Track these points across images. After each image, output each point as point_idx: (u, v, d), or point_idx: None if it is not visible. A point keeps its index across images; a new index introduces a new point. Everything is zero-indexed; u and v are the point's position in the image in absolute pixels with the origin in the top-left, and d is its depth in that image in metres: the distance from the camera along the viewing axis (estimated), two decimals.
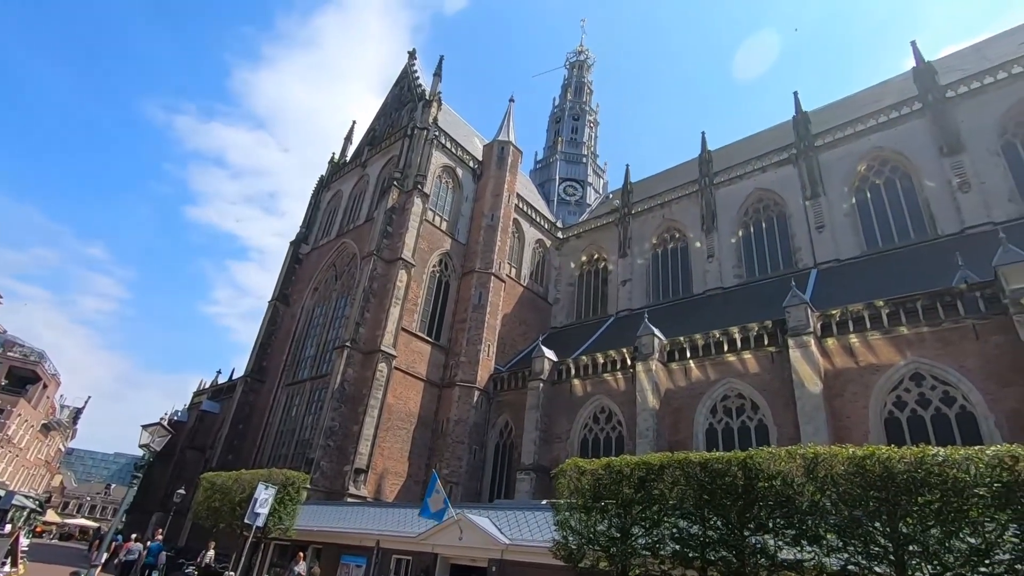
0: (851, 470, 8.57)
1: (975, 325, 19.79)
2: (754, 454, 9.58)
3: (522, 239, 43.22)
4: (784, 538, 9.09)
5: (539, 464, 27.91)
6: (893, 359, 21.17)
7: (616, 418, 27.65)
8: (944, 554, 7.72)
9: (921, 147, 30.04)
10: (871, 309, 22.09)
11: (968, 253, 22.65)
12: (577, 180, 57.41)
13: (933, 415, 19.97)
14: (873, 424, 20.57)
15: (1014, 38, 32.85)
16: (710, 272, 35.49)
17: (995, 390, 18.74)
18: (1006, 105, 28.33)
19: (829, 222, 31.68)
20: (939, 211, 28.42)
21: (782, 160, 35.46)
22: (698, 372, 25.88)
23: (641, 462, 11.08)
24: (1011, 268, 19.02)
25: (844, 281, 27.46)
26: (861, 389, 21.43)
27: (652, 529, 10.67)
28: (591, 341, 34.61)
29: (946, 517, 7.76)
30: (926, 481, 7.94)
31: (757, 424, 23.52)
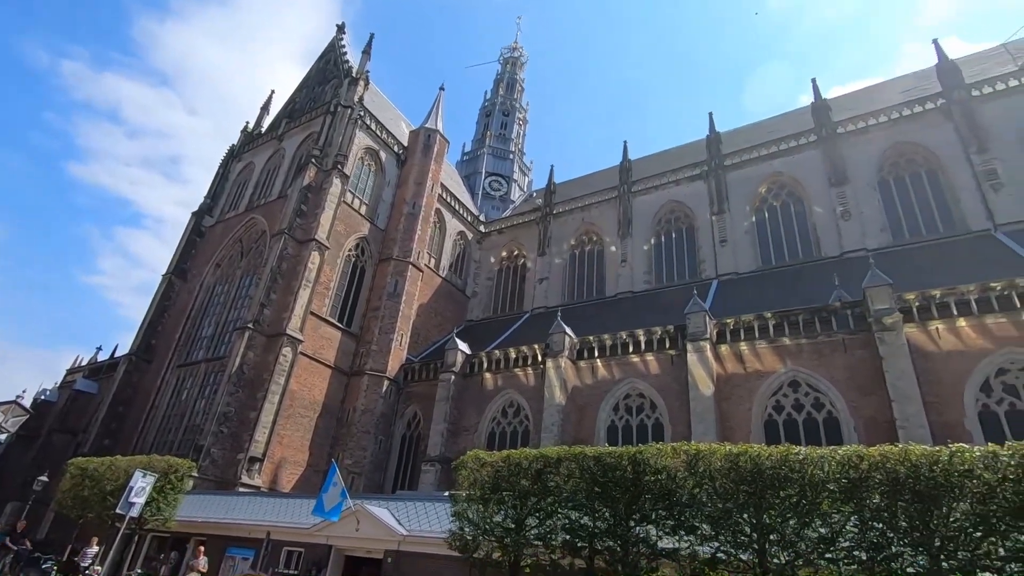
0: (727, 466, 9.31)
1: (844, 340, 22.06)
2: (644, 449, 10.16)
3: (443, 230, 42.87)
4: (664, 528, 9.71)
5: (445, 456, 27.88)
6: (775, 367, 23.13)
7: (524, 412, 28.19)
8: (798, 542, 8.58)
9: (813, 176, 33.01)
10: (760, 320, 24.00)
11: (844, 275, 25.17)
12: (503, 176, 57.78)
13: (805, 419, 22.05)
14: (755, 426, 22.40)
15: (897, 86, 36.87)
16: (622, 276, 37.02)
17: (856, 399, 21.01)
18: (885, 146, 31.76)
19: (731, 237, 34.05)
20: (824, 235, 31.39)
21: (694, 175, 37.63)
22: (604, 371, 26.95)
23: (539, 455, 11.40)
24: (876, 290, 21.40)
25: (740, 293, 29.64)
26: (746, 393, 23.25)
27: (546, 520, 11.02)
28: (505, 336, 35.02)
29: (802, 509, 8.63)
30: (788, 477, 8.79)
31: (654, 423, 24.87)
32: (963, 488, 7.69)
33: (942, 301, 20.88)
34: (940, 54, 32.60)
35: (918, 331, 20.74)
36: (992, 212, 27.16)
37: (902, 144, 31.37)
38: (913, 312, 21.04)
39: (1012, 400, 19.00)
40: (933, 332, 20.62)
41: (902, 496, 8.03)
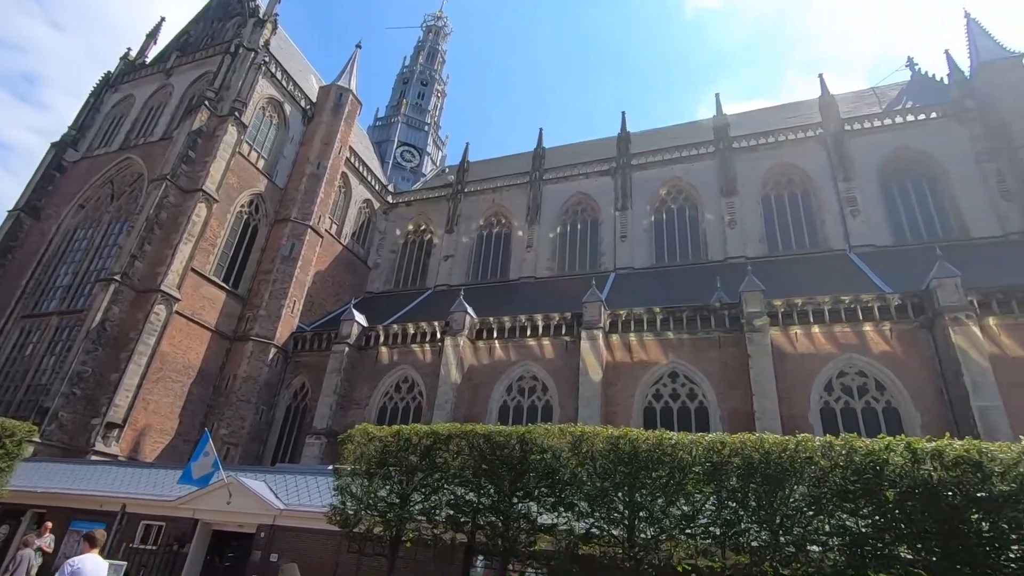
0: (607, 448, 9.89)
1: (720, 337, 24.15)
2: (532, 429, 10.50)
3: (349, 196, 41.03)
4: (545, 505, 10.15)
5: (332, 429, 27.03)
6: (659, 358, 24.83)
7: (418, 389, 28.02)
8: (664, 519, 9.35)
9: (708, 184, 35.51)
10: (650, 314, 25.58)
11: (726, 278, 27.45)
12: (416, 147, 56.26)
13: (679, 408, 23.95)
14: (635, 412, 23.96)
15: (784, 112, 40.48)
16: (527, 261, 37.69)
17: (725, 391, 23.14)
18: (770, 164, 34.87)
19: (631, 233, 35.82)
20: (712, 240, 33.99)
21: (603, 171, 39.00)
22: (501, 352, 27.42)
23: (430, 431, 11.39)
24: (750, 295, 23.62)
25: (634, 287, 31.35)
26: (631, 381, 24.77)
27: (431, 495, 11.07)
28: (405, 311, 34.43)
29: (670, 489, 9.40)
30: (660, 460, 9.52)
31: (545, 405, 25.79)
32: (803, 473, 8.78)
33: (802, 309, 23.48)
34: (823, 89, 36.21)
35: (780, 334, 23.21)
36: (849, 234, 30.88)
37: (784, 165, 34.61)
38: (778, 317, 23.49)
39: (847, 399, 21.91)
40: (792, 336, 23.16)
41: (754, 479, 9.00)
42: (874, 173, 32.16)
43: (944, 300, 20.86)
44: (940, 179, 30.99)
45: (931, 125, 32.28)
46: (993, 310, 20.87)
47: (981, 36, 33.46)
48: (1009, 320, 20.60)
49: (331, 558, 13.78)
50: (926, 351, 21.28)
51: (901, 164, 32.20)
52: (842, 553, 8.34)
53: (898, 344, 21.85)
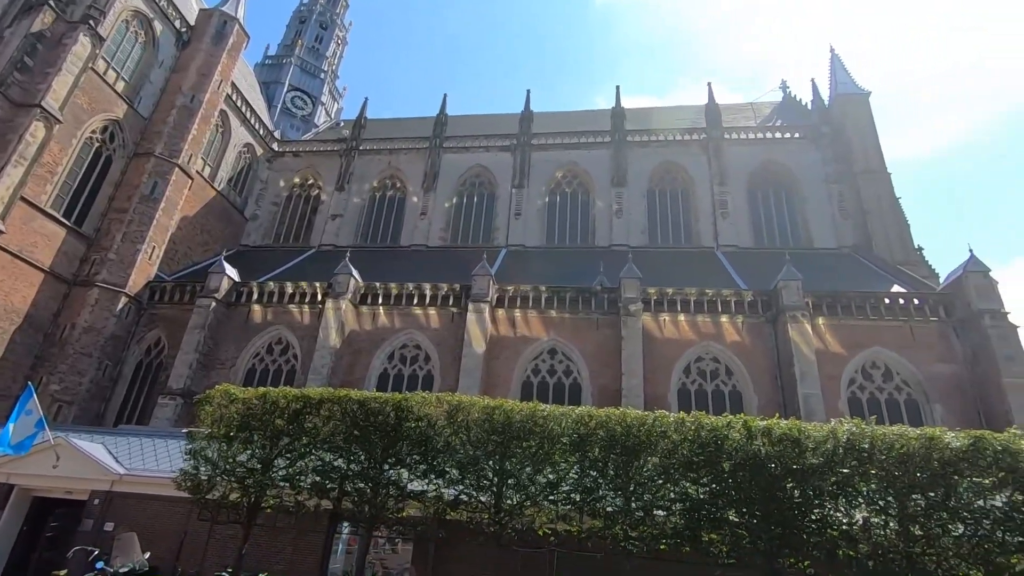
0: (483, 417, 10.10)
1: (598, 319, 25.53)
2: (409, 397, 10.41)
3: (227, 137, 37.24)
4: (416, 472, 10.16)
5: (190, 390, 24.81)
6: (540, 335, 25.72)
7: (293, 351, 26.57)
8: (530, 486, 9.78)
9: (601, 173, 37.00)
10: (536, 292, 26.33)
11: (608, 264, 28.93)
12: (309, 94, 52.32)
13: (555, 383, 25.06)
14: (514, 385, 24.70)
15: (675, 114, 43.13)
16: (419, 229, 36.94)
17: (598, 369, 24.58)
18: (656, 162, 37.09)
19: (526, 212, 36.42)
20: (600, 227, 35.61)
21: (504, 146, 39.06)
22: (386, 319, 26.77)
23: (300, 395, 10.86)
24: (629, 282, 25.18)
25: (524, 264, 32.02)
26: (512, 355, 25.45)
27: (297, 461, 10.60)
28: (284, 268, 32.30)
29: (539, 458, 9.84)
30: (532, 431, 9.91)
31: (426, 374, 25.69)
32: (657, 446, 9.63)
33: (672, 299, 25.49)
34: (710, 97, 39.02)
35: (651, 320, 25.05)
36: (718, 234, 33.91)
37: (670, 163, 37.00)
38: (651, 304, 25.30)
39: (701, 382, 24.30)
40: (661, 322, 25.10)
41: (615, 450, 9.71)
42: (744, 181, 35.47)
43: (787, 300, 23.74)
44: (796, 193, 34.96)
45: (793, 144, 36.19)
46: (823, 311, 24.14)
47: (840, 71, 37.90)
48: (834, 321, 23.96)
49: (179, 527, 12.76)
50: (768, 343, 24.15)
51: (767, 175, 35.81)
52: (682, 517, 9.31)
53: (747, 335, 24.56)
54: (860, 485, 9.09)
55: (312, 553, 11.43)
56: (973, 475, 8.93)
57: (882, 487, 9.05)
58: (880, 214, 31.98)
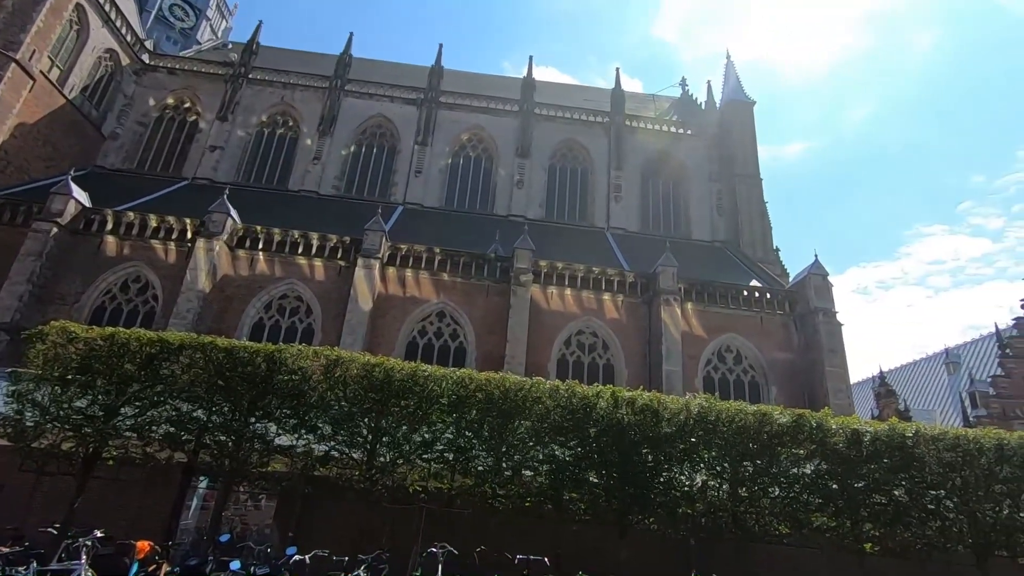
0: (362, 374, 9.87)
1: (489, 286, 25.83)
2: (283, 348, 9.87)
3: (84, 37, 31.95)
4: (286, 427, 9.74)
5: (19, 325, 21.55)
6: (430, 296, 25.54)
7: (153, 292, 24.02)
8: (404, 444, 9.80)
9: (507, 142, 36.97)
10: (430, 253, 25.99)
11: (504, 233, 29.23)
12: (192, 5, 46.27)
13: (441, 345, 25.13)
14: (399, 344, 24.39)
15: (583, 93, 44.02)
16: (311, 174, 34.66)
17: (484, 335, 24.98)
18: (561, 138, 37.78)
19: (427, 171, 35.50)
20: (500, 195, 35.74)
21: (410, 99, 37.51)
22: (265, 266, 25.03)
23: (157, 338, 9.85)
24: (522, 253, 25.67)
25: (420, 224, 31.35)
26: (400, 315, 25.06)
27: (148, 410, 9.68)
28: (149, 199, 28.80)
29: (416, 418, 9.86)
30: (412, 390, 9.88)
31: (306, 328, 24.52)
32: (532, 410, 10.07)
33: (561, 273, 26.45)
34: (617, 82, 40.24)
35: (540, 291, 25.84)
36: (610, 215, 35.54)
37: (573, 141, 37.86)
38: (541, 276, 26.07)
39: (580, 354, 25.66)
40: (549, 294, 26.00)
41: (491, 413, 10.00)
42: (639, 168, 37.32)
43: (663, 284, 25.62)
44: (682, 186, 37.48)
45: (686, 140, 38.59)
46: (692, 298, 26.40)
47: (732, 77, 40.82)
48: (700, 307, 26.32)
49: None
50: (642, 322, 25.99)
51: (659, 166, 37.95)
52: (548, 477, 9.88)
53: (625, 314, 26.24)
54: (703, 452, 10.23)
55: (161, 508, 10.60)
56: (792, 447, 10.40)
57: (720, 455, 10.26)
58: (750, 215, 35.34)
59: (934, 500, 10.41)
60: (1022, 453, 10.60)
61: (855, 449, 10.32)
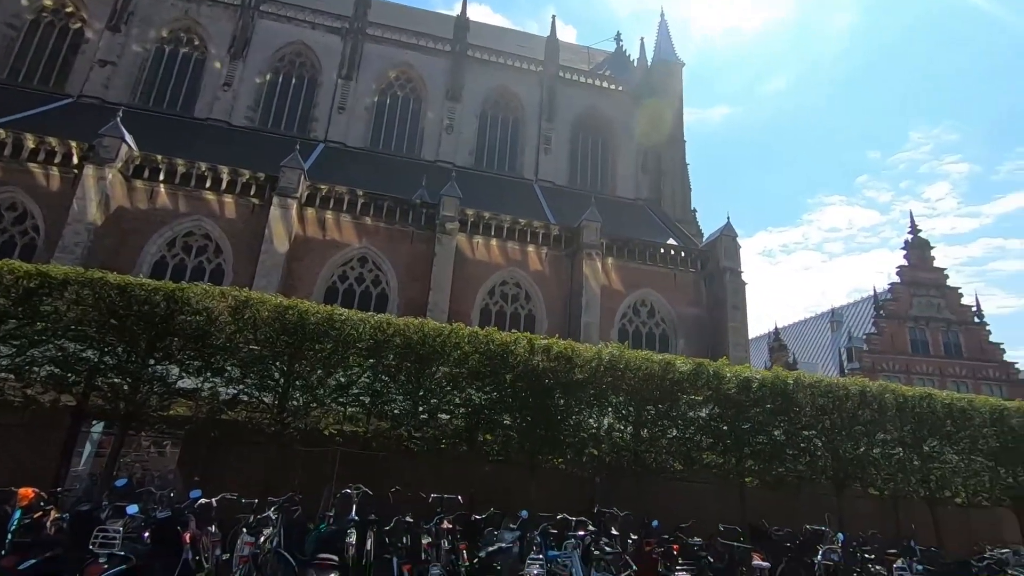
0: (273, 316, 9.50)
1: (413, 232, 25.35)
2: (185, 287, 9.26)
3: None
4: (189, 369, 9.27)
5: None
6: (352, 241, 24.74)
7: (32, 222, 21.61)
8: (318, 388, 9.65)
9: (437, 83, 35.53)
10: (352, 196, 24.99)
11: (432, 179, 28.49)
12: None
13: (363, 291, 24.61)
14: (318, 289, 23.61)
15: (517, 39, 42.77)
16: (221, 101, 31.78)
17: (407, 282, 24.67)
18: (493, 84, 36.82)
19: (351, 107, 33.58)
20: (428, 139, 34.61)
21: (334, 27, 34.90)
22: (168, 200, 23.09)
23: (36, 271, 8.90)
24: (448, 200, 25.27)
25: (342, 164, 29.87)
26: (319, 258, 24.16)
27: (28, 350, 8.83)
28: (24, 116, 25.33)
29: (331, 361, 9.69)
30: (327, 333, 9.65)
31: (215, 268, 23.15)
32: (450, 356, 10.18)
33: (487, 223, 26.38)
34: (552, 31, 39.44)
35: (465, 240, 25.71)
36: (539, 168, 35.52)
37: (506, 89, 37.03)
38: (467, 225, 25.88)
39: (503, 304, 26.04)
40: (474, 244, 25.94)
41: (409, 358, 10.02)
42: (570, 122, 37.28)
43: (586, 238, 26.25)
44: (611, 142, 37.94)
45: (616, 96, 38.81)
46: (613, 253, 27.28)
47: (665, 37, 41.15)
48: (620, 262, 27.30)
49: None
50: (564, 275, 26.65)
51: (590, 121, 38.07)
52: (463, 420, 10.15)
53: (548, 266, 26.75)
54: (611, 397, 10.88)
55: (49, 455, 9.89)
56: (692, 393, 11.28)
57: (627, 399, 10.96)
58: (672, 176, 36.59)
59: (806, 439, 11.75)
60: (880, 399, 12.14)
61: (745, 394, 11.36)
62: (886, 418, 12.12)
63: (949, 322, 34.09)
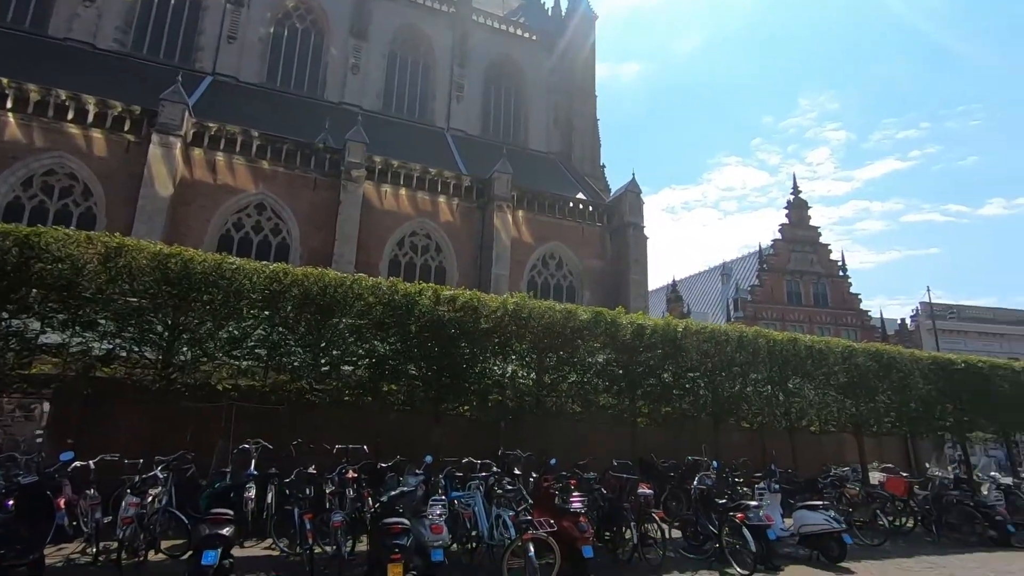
0: (153, 265, 8.71)
1: (317, 179, 24.02)
2: (42, 232, 8.19)
3: None
4: (53, 323, 8.35)
5: None
6: (248, 186, 23.01)
7: None
8: (208, 341, 9.09)
9: (341, 16, 32.98)
10: (247, 136, 23.07)
11: (336, 122, 26.91)
12: None
13: (261, 240, 23.17)
14: (209, 237, 21.90)
15: None
16: (83, 20, 27.43)
17: (310, 231, 23.51)
18: (402, 23, 34.81)
19: (244, 37, 30.47)
20: (332, 79, 32.35)
21: None
22: (20, 131, 20.19)
23: None
24: (355, 146, 24.06)
25: (234, 100, 27.31)
26: (210, 204, 22.31)
27: None
28: None
29: (221, 313, 9.11)
30: (217, 283, 9.03)
31: (85, 212, 20.83)
32: (353, 307, 9.93)
33: (397, 171, 25.51)
34: None
35: (373, 189, 24.78)
36: (451, 116, 34.53)
37: (416, 29, 35.16)
38: (375, 173, 24.88)
39: (412, 255, 25.62)
40: (382, 193, 25.08)
41: (309, 309, 9.65)
42: (483, 69, 36.30)
43: (497, 190, 26.20)
44: (524, 93, 37.51)
45: (530, 45, 38.16)
46: (524, 205, 27.51)
47: None
48: (530, 215, 27.63)
49: None
50: (476, 227, 26.59)
51: (503, 70, 37.28)
52: (367, 370, 10.04)
53: (459, 217, 26.52)
54: (515, 345, 11.20)
55: None
56: (591, 340, 11.88)
57: (530, 347, 11.35)
58: (582, 131, 37.02)
59: (691, 381, 12.86)
60: (754, 343, 13.49)
61: (639, 341, 12.15)
62: (758, 360, 13.52)
63: (819, 275, 38.10)
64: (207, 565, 5.47)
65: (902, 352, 16.25)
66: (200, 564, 5.48)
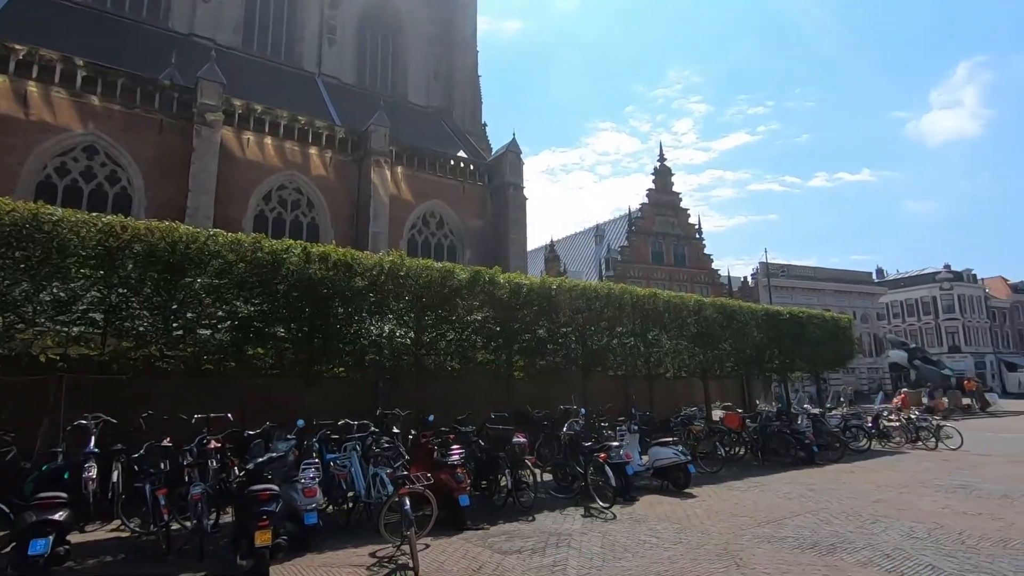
0: None
1: (163, 121, 21.17)
2: None
3: None
4: None
5: None
6: (72, 125, 19.71)
7: None
8: (26, 305, 7.79)
9: None
10: (68, 64, 19.61)
11: (185, 57, 23.74)
12: None
13: (93, 189, 20.13)
14: (23, 182, 18.61)
15: None
16: None
17: (157, 180, 20.82)
18: None
19: None
20: (178, 6, 28.27)
21: None
22: None
23: None
24: (209, 85, 21.45)
25: (52, 21, 22.88)
26: (23, 145, 18.83)
27: None
28: None
29: (39, 272, 7.82)
30: (32, 237, 7.70)
31: None
32: (209, 265, 9.02)
33: (260, 117, 23.27)
34: None
35: (233, 135, 22.42)
36: (322, 60, 31.97)
37: None
38: (235, 118, 22.49)
39: (281, 211, 23.82)
40: (244, 140, 22.81)
41: (156, 268, 8.60)
42: (357, 12, 33.86)
43: (375, 144, 24.99)
44: (402, 43, 35.72)
45: None
46: (403, 161, 26.59)
47: None
48: (409, 172, 26.81)
49: None
50: (351, 183, 25.27)
51: (380, 16, 35.09)
52: (228, 334, 9.28)
53: (333, 172, 25.00)
54: (393, 304, 10.99)
55: None
56: (469, 299, 12.01)
57: (408, 306, 11.20)
58: (463, 86, 36.28)
59: (563, 335, 13.59)
60: (620, 299, 14.54)
61: (515, 299, 12.52)
62: (624, 315, 14.61)
63: (679, 237, 41.66)
64: (36, 555, 4.89)
65: (742, 305, 18.48)
66: (26, 555, 4.87)
